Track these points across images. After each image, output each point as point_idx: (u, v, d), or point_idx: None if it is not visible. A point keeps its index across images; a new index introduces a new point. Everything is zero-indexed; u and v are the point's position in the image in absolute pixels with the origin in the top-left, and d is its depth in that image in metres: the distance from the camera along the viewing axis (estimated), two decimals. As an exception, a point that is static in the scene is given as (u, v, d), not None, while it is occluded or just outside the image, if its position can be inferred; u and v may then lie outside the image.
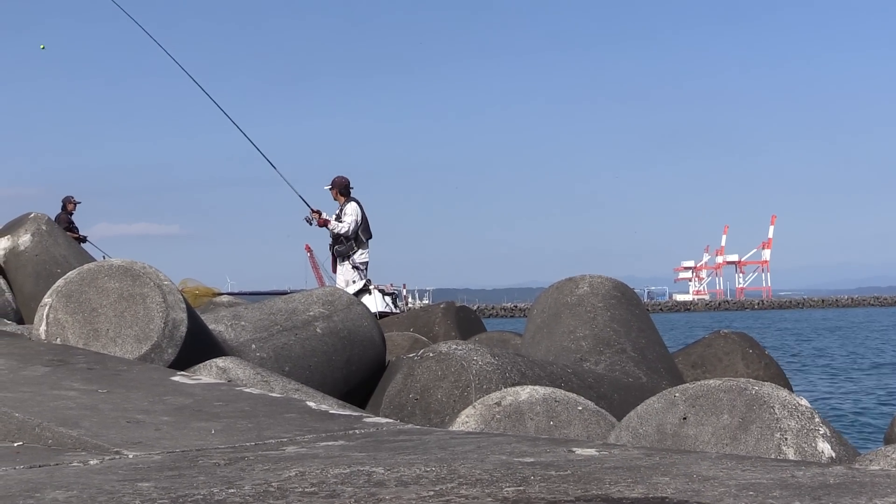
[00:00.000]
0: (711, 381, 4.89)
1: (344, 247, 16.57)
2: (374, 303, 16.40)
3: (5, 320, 11.67)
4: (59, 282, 7.16)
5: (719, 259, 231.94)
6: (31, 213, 15.35)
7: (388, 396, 7.35)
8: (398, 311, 17.76)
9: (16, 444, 4.57)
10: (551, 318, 9.56)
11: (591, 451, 3.95)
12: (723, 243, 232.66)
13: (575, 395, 5.80)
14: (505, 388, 6.75)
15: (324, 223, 16.59)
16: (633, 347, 9.00)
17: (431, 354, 7.13)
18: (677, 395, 4.88)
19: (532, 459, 3.79)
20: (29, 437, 4.62)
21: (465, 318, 14.83)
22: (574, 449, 4.01)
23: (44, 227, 15.06)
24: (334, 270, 16.86)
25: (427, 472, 3.57)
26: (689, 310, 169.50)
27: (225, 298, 16.17)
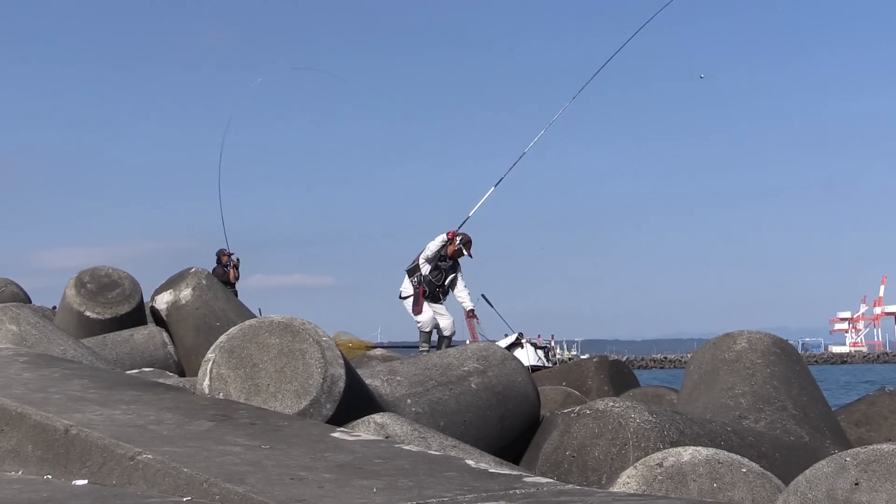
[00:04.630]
0: (885, 446, 4.71)
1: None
2: (527, 356, 16.35)
3: (168, 372, 12.01)
4: (222, 337, 7.32)
5: (877, 310, 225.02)
6: (191, 268, 15.83)
7: (544, 453, 7.31)
8: (550, 364, 17.68)
9: (184, 500, 4.67)
10: (708, 374, 9.40)
11: (760, 517, 3.85)
12: (881, 293, 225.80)
13: (739, 456, 5.66)
14: (663, 446, 6.65)
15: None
16: (794, 405, 8.79)
17: (588, 411, 7.07)
18: (848, 459, 4.73)
19: (699, 525, 3.72)
20: (196, 492, 4.72)
21: (618, 373, 14.70)
22: (741, 514, 3.91)
23: (204, 282, 15.50)
24: (418, 312, 16.52)
25: (592, 536, 3.52)
26: (845, 362, 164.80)
27: (378, 352, 16.33)
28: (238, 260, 23.33)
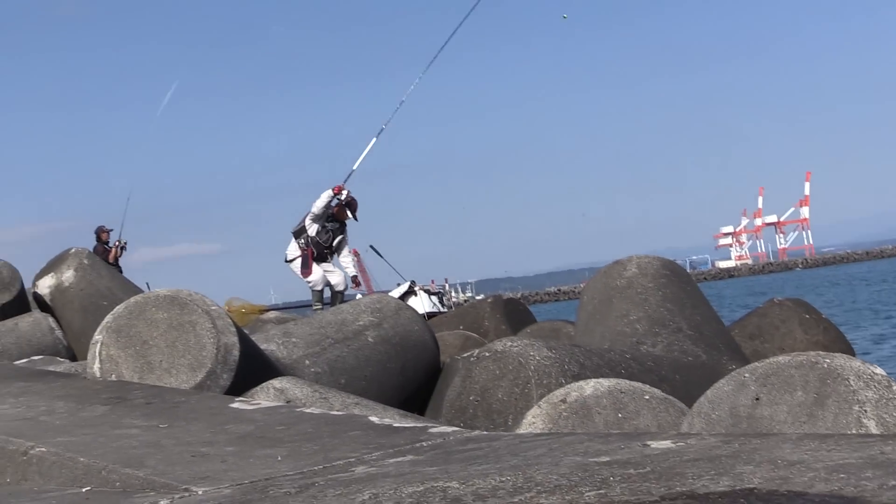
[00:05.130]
0: (780, 358, 4.76)
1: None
2: (421, 304, 16.29)
3: (58, 359, 11.70)
4: (108, 317, 7.12)
5: (758, 221, 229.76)
6: (71, 249, 15.40)
7: (447, 400, 7.28)
8: (446, 309, 17.65)
9: (84, 490, 4.53)
10: (602, 303, 9.45)
11: (667, 444, 3.85)
12: (760, 205, 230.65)
13: (640, 383, 5.69)
14: (565, 381, 6.66)
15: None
16: (688, 325, 8.88)
17: (488, 354, 7.04)
18: (747, 375, 4.76)
19: (608, 458, 3.69)
20: (96, 480, 4.58)
21: (513, 311, 14.75)
22: (649, 442, 3.91)
23: (86, 262, 15.11)
24: (308, 273, 16.29)
25: (503, 482, 3.48)
26: (732, 276, 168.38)
27: (272, 314, 16.15)
28: (125, 243, 22.75)
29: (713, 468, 3.31)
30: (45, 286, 15.06)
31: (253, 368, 7.24)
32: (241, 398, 6.29)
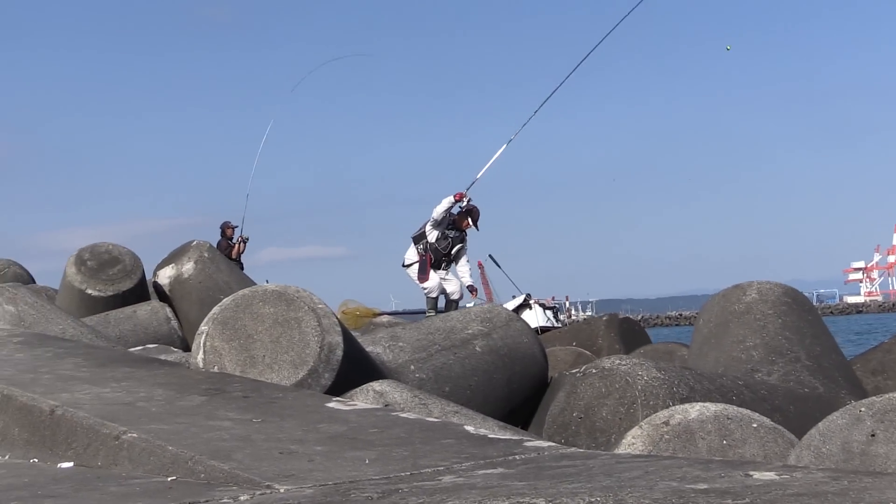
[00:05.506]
0: (901, 393, 4.49)
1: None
2: (535, 318, 16.09)
3: (172, 348, 11.82)
4: (215, 309, 7.11)
5: (891, 258, 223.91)
6: (193, 241, 15.61)
7: (550, 416, 7.10)
8: (560, 324, 17.44)
9: (169, 479, 4.47)
10: (719, 327, 9.16)
11: (771, 475, 3.63)
12: (895, 242, 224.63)
13: (749, 411, 5.43)
14: (673, 403, 6.43)
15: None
16: (807, 356, 8.54)
17: (594, 370, 6.85)
18: (863, 409, 4.49)
19: (706, 486, 3.49)
20: (182, 470, 4.52)
21: (628, 330, 14.48)
22: (751, 472, 3.69)
23: (206, 255, 15.29)
24: (424, 279, 16.20)
25: (592, 502, 3.31)
26: (861, 312, 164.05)
27: (384, 319, 16.12)
28: (248, 238, 23.02)
29: (817, 504, 3.09)
30: (165, 276, 15.28)
31: (356, 369, 7.16)
32: (338, 398, 6.21)
